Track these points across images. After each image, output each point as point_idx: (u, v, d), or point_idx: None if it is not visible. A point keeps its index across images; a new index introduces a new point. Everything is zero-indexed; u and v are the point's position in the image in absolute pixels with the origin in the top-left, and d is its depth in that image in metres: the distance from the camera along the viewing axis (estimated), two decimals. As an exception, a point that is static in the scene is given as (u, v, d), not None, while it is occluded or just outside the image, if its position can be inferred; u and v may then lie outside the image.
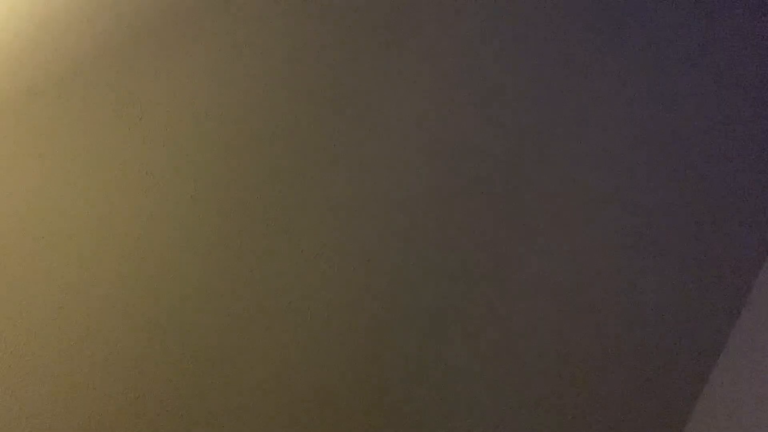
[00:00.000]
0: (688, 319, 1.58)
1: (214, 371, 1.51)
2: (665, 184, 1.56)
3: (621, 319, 1.57)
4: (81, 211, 1.45)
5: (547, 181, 1.54)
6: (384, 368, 1.54)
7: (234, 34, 1.46)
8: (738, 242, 1.56)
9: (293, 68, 1.48)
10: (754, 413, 1.45)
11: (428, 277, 1.54)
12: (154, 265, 1.48)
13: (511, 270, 1.55)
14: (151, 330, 1.49)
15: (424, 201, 1.53)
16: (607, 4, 1.53)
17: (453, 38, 1.51)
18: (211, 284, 1.50)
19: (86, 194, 1.45)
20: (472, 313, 1.55)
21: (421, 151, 1.52)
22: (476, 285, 1.55)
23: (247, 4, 1.46)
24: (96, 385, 1.48)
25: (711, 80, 1.55)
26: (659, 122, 1.55)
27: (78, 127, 1.44)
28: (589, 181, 1.55)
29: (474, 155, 1.53)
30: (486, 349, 1.56)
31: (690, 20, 1.54)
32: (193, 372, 1.50)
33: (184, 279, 1.49)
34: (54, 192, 1.44)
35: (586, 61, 1.53)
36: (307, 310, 1.52)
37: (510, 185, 1.54)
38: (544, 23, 1.52)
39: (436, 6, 1.50)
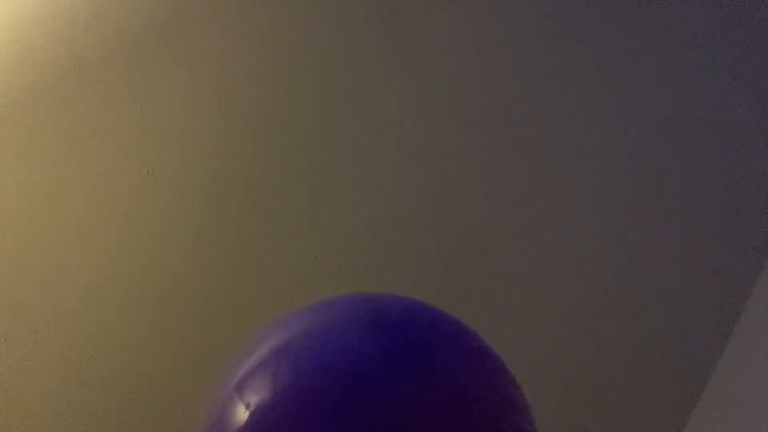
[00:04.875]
0: (689, 320, 1.58)
1: (213, 370, 1.51)
2: (665, 184, 1.56)
3: (621, 320, 1.57)
4: (81, 210, 1.46)
5: (547, 182, 1.55)
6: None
7: (234, 33, 1.47)
8: (738, 243, 1.56)
9: (294, 67, 1.49)
10: (754, 414, 1.45)
11: (426, 277, 1.54)
12: (155, 263, 1.48)
13: (510, 269, 1.56)
14: (151, 327, 1.49)
15: (423, 200, 1.53)
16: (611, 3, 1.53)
17: (453, 36, 1.52)
18: (212, 283, 1.50)
19: (87, 193, 1.46)
20: (472, 310, 1.55)
21: (420, 148, 1.52)
22: (476, 283, 1.55)
23: (247, 3, 1.47)
24: (96, 384, 1.48)
25: (710, 78, 1.55)
26: (658, 122, 1.55)
27: (78, 126, 1.45)
28: (591, 182, 1.55)
29: (473, 156, 1.53)
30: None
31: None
32: (193, 370, 1.51)
33: (185, 277, 1.49)
34: (54, 191, 1.45)
35: (586, 62, 1.54)
36: (307, 310, 1.52)
37: (510, 183, 1.54)
38: (545, 25, 1.53)
39: (436, 5, 1.51)
